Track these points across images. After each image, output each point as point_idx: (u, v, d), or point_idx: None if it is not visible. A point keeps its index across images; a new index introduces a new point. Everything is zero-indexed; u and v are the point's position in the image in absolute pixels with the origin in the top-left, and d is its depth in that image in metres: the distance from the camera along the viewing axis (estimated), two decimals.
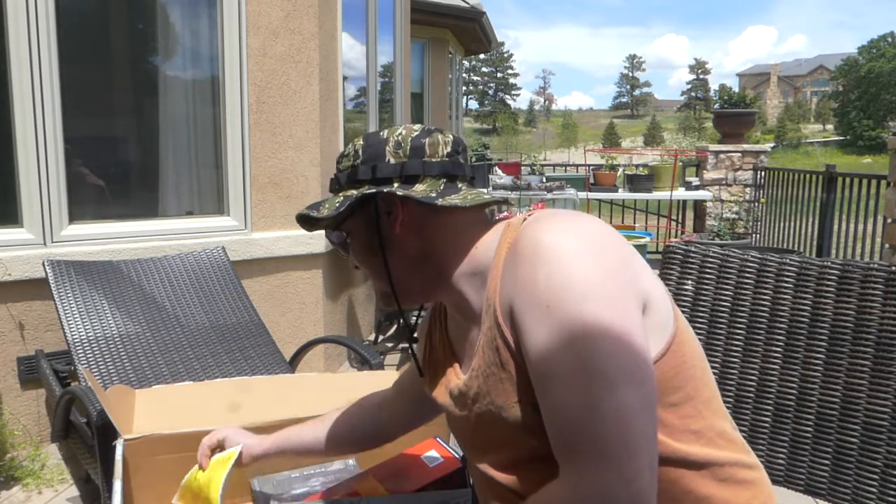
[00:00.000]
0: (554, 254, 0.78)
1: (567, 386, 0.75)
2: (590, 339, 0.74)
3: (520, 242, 0.84)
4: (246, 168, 3.16)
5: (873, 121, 50.67)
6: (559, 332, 0.75)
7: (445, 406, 1.01)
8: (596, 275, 0.77)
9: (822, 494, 1.19)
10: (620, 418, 0.73)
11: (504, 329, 0.84)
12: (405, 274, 0.96)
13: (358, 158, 0.95)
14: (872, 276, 1.16)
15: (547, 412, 0.78)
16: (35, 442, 2.69)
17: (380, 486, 1.30)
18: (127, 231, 2.95)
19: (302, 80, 3.22)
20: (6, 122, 2.63)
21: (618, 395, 0.73)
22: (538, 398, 0.80)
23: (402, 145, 0.94)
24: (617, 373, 0.74)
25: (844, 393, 1.17)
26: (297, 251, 3.26)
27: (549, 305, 0.76)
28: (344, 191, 0.95)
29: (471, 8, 8.81)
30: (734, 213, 7.00)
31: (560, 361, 0.75)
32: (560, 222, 0.82)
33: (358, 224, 0.97)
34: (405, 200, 0.92)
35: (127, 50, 3.39)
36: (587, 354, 0.74)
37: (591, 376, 0.74)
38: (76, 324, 2.20)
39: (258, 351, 2.41)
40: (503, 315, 0.84)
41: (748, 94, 22.11)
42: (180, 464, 1.38)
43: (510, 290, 0.83)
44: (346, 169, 0.96)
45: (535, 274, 0.78)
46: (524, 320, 0.80)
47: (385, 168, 0.93)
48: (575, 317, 0.75)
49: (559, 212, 0.87)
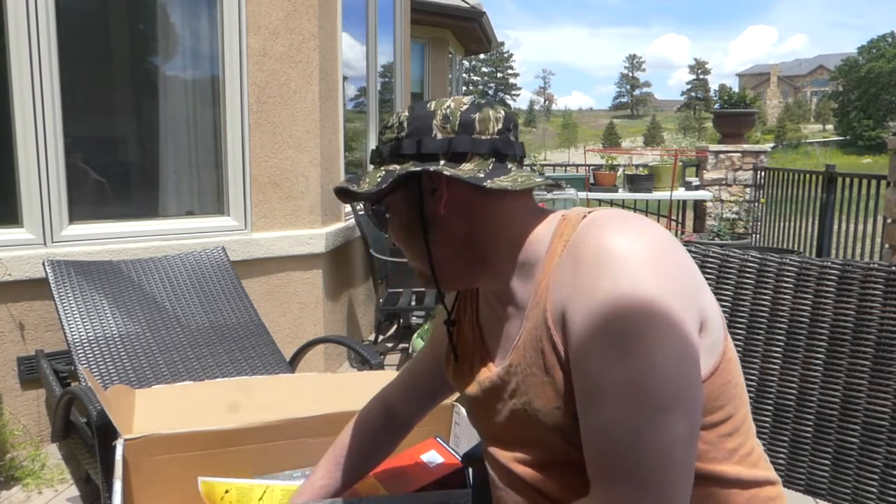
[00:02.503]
0: (619, 264, 0.74)
1: (616, 407, 0.72)
2: (648, 363, 0.71)
3: (581, 245, 0.79)
4: (246, 168, 3.16)
5: (873, 121, 50.67)
6: (616, 350, 0.72)
7: (471, 395, 0.98)
8: (662, 292, 0.73)
9: (822, 494, 1.19)
10: (665, 447, 0.70)
11: (554, 333, 0.80)
12: (447, 257, 0.91)
13: (402, 131, 0.89)
14: (872, 276, 1.16)
15: (589, 427, 0.75)
16: (35, 442, 2.69)
17: (380, 486, 1.30)
18: (127, 231, 2.95)
19: (302, 80, 3.22)
20: (6, 121, 2.63)
21: (667, 423, 0.71)
22: (580, 411, 0.77)
23: (451, 119, 0.88)
24: (670, 400, 0.71)
25: (844, 393, 1.17)
26: (297, 251, 3.26)
27: (608, 321, 0.72)
28: (386, 164, 0.90)
29: (471, 8, 8.80)
30: (734, 213, 7.00)
31: (612, 380, 0.72)
32: (626, 228, 0.78)
33: (400, 201, 0.91)
34: (451, 180, 0.87)
35: (127, 50, 3.39)
36: (643, 378, 0.71)
37: (644, 401, 0.71)
38: (76, 324, 2.20)
39: (258, 351, 2.41)
40: (554, 319, 0.80)
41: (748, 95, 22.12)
42: (180, 464, 1.38)
43: (565, 295, 0.78)
44: (390, 141, 0.90)
45: (597, 284, 0.74)
46: (578, 331, 0.75)
47: (431, 143, 0.87)
48: (634, 336, 0.71)
49: (623, 214, 0.82)
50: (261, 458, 1.46)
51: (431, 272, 0.92)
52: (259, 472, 1.48)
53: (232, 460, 1.44)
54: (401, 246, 0.96)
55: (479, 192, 0.86)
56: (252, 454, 1.46)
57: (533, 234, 0.88)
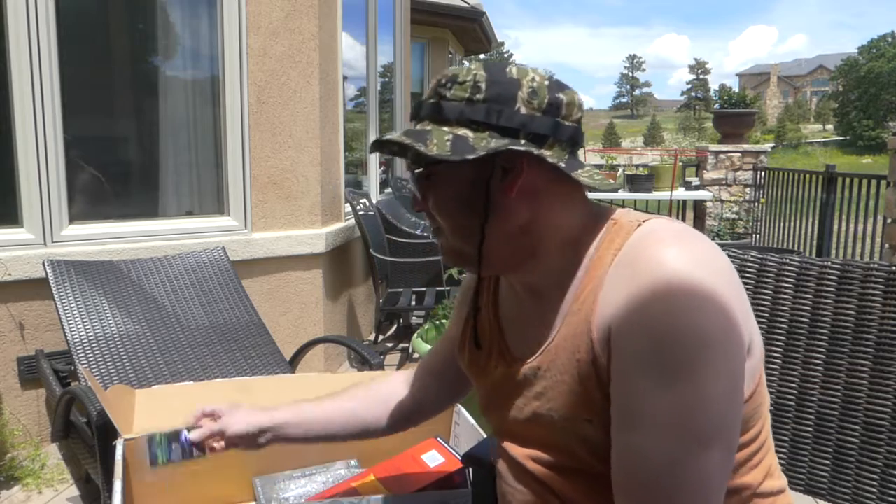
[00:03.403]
0: (677, 290, 0.70)
1: (657, 435, 0.69)
2: (697, 396, 0.69)
3: (637, 260, 0.74)
4: (246, 168, 3.16)
5: (873, 121, 50.67)
6: (666, 378, 0.69)
7: (487, 388, 0.95)
8: (718, 325, 0.70)
9: (822, 494, 1.19)
10: (701, 480, 0.70)
11: (596, 346, 0.76)
12: (497, 243, 0.83)
13: (479, 93, 0.79)
14: (872, 276, 1.16)
15: (624, 449, 0.73)
16: (35, 442, 2.69)
17: (380, 486, 1.30)
18: (127, 231, 2.95)
19: (302, 80, 3.22)
20: (6, 122, 2.63)
21: (706, 457, 0.69)
22: (616, 430, 0.74)
23: (538, 95, 0.79)
24: (713, 435, 0.70)
25: (844, 393, 1.17)
26: (298, 251, 3.26)
27: (661, 348, 0.69)
28: (451, 126, 0.79)
29: (471, 8, 8.80)
30: (734, 213, 7.00)
31: (657, 406, 0.69)
32: (687, 249, 0.73)
33: (461, 172, 0.81)
34: (531, 163, 0.79)
35: (127, 50, 3.39)
36: (690, 411, 0.69)
37: (687, 434, 0.69)
38: (76, 324, 2.20)
39: (258, 351, 2.41)
40: (599, 332, 0.76)
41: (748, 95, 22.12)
42: (180, 464, 1.38)
43: (615, 309, 0.74)
44: (459, 100, 0.80)
45: (651, 304, 0.70)
46: (627, 351, 0.72)
47: (513, 117, 0.78)
48: (687, 366, 0.68)
49: (681, 231, 0.77)
50: (261, 458, 1.46)
51: (477, 255, 0.84)
52: (259, 471, 1.48)
53: (232, 460, 1.44)
54: (442, 219, 0.85)
55: (553, 182, 0.81)
56: (252, 454, 1.46)
57: (583, 235, 0.83)
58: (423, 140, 0.78)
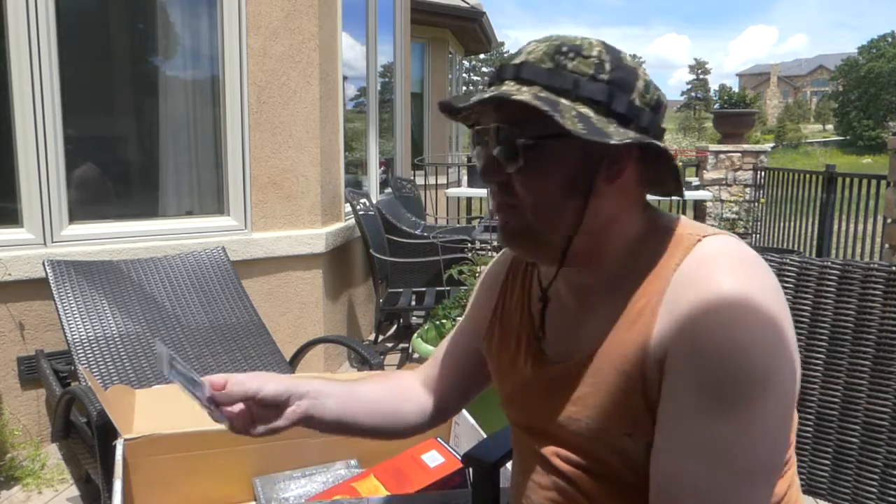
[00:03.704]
0: (743, 317, 0.69)
1: (704, 463, 0.68)
2: (751, 430, 0.68)
3: (700, 281, 0.72)
4: (246, 168, 3.16)
5: (873, 121, 50.65)
6: (722, 408, 0.67)
7: (513, 385, 0.91)
8: (780, 354, 0.69)
9: (822, 494, 1.19)
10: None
11: (648, 363, 0.74)
12: (579, 235, 0.80)
13: (603, 72, 0.75)
14: (872, 276, 1.16)
15: (670, 473, 0.71)
16: (35, 442, 2.69)
17: (380, 486, 1.30)
18: (127, 231, 2.95)
19: (302, 80, 3.22)
20: (6, 122, 2.63)
21: (753, 493, 0.69)
22: (658, 449, 0.72)
23: (650, 91, 0.78)
24: (760, 470, 0.69)
25: (844, 393, 1.17)
26: (298, 251, 3.26)
27: (724, 375, 0.68)
28: (570, 100, 0.74)
29: (471, 8, 8.80)
30: (734, 213, 7.00)
31: (709, 436, 0.68)
32: (751, 274, 0.72)
33: (572, 153, 0.76)
34: (634, 160, 0.77)
35: (127, 50, 3.39)
36: (741, 444, 0.68)
37: (735, 467, 0.68)
38: (76, 324, 2.20)
39: (258, 351, 2.41)
40: (655, 349, 0.73)
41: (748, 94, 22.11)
42: (180, 464, 1.38)
43: (675, 331, 0.72)
44: (582, 74, 0.75)
45: (717, 333, 0.68)
46: (684, 374, 0.70)
47: (630, 107, 0.76)
48: (748, 399, 0.67)
49: (742, 253, 0.75)
50: (261, 458, 1.46)
51: (565, 243, 0.79)
52: (259, 471, 1.48)
53: (232, 460, 1.44)
54: (533, 196, 0.78)
55: (638, 184, 0.80)
56: (252, 454, 1.46)
57: (642, 242, 0.80)
58: (557, 110, 0.72)
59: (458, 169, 8.94)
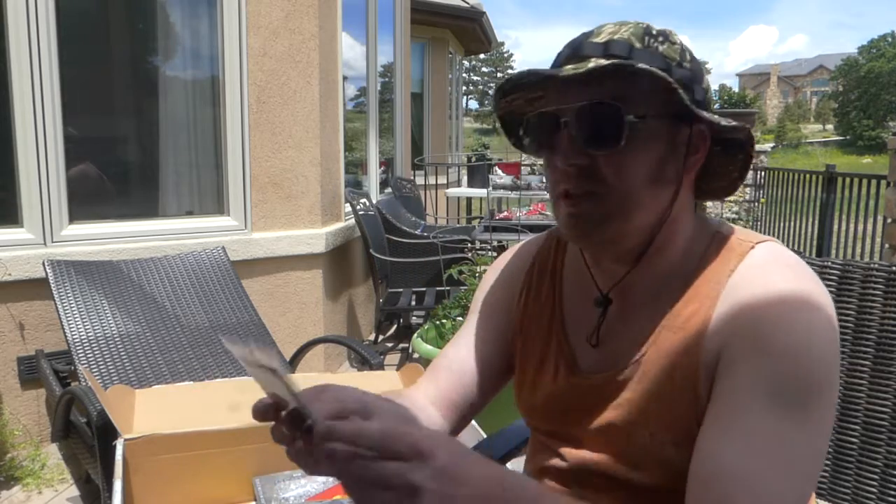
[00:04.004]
0: (807, 323, 0.69)
1: (769, 468, 0.67)
2: (811, 438, 0.67)
3: (760, 287, 0.71)
4: (246, 168, 3.16)
5: (873, 121, 50.65)
6: (792, 410, 0.66)
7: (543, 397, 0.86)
8: (836, 358, 0.70)
9: (822, 494, 1.19)
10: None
11: (701, 369, 0.72)
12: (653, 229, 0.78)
13: (685, 61, 0.75)
14: (872, 276, 1.16)
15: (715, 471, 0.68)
16: (35, 442, 2.69)
17: None
18: (127, 231, 2.95)
19: (302, 80, 3.22)
20: (6, 122, 2.63)
21: (804, 496, 0.67)
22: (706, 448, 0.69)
23: (709, 87, 0.79)
24: (811, 480, 0.69)
25: (844, 393, 1.16)
26: (298, 251, 3.26)
27: (789, 379, 0.67)
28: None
29: (471, 8, 8.81)
30: (734, 213, 7.00)
31: (771, 437, 0.67)
32: (809, 282, 0.72)
33: (662, 139, 0.74)
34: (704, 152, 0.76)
35: (127, 50, 3.39)
36: (801, 451, 0.66)
37: (793, 472, 0.66)
38: (76, 324, 2.20)
39: None
40: (708, 354, 0.72)
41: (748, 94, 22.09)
42: (180, 464, 1.38)
43: (733, 336, 0.71)
44: (671, 59, 0.74)
45: (781, 338, 0.68)
46: (746, 377, 0.68)
47: (704, 97, 0.76)
48: (813, 402, 0.67)
49: (797, 262, 0.74)
50: (261, 458, 1.46)
51: (649, 238, 0.77)
52: (259, 471, 1.48)
53: (232, 460, 1.44)
54: (621, 182, 0.74)
55: (696, 178, 0.80)
56: (252, 454, 1.46)
57: (692, 244, 0.79)
58: (672, 77, 0.70)
59: (458, 169, 8.94)
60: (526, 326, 0.91)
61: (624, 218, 0.75)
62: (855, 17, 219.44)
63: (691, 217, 0.81)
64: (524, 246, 0.98)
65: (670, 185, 0.76)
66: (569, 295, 0.89)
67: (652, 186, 0.74)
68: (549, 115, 0.76)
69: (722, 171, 0.81)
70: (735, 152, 0.78)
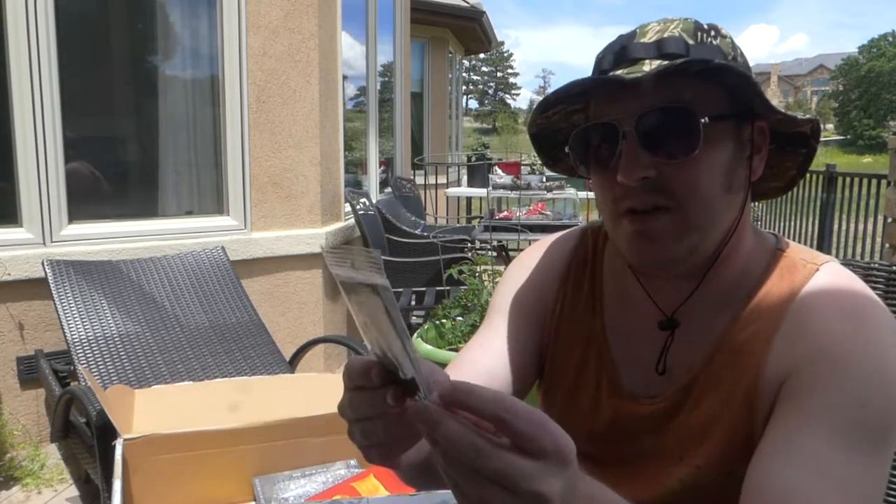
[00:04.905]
0: (882, 351, 0.65)
1: (828, 492, 0.63)
2: (876, 471, 0.64)
3: (831, 311, 0.67)
4: (246, 168, 3.16)
5: (874, 120, 50.63)
6: (868, 442, 0.63)
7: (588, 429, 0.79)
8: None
9: None
10: None
11: (760, 395, 0.68)
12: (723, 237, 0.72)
13: (738, 53, 0.71)
14: (873, 276, 1.16)
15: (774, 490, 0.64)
16: (35, 442, 2.69)
17: (380, 486, 1.30)
18: (126, 231, 2.94)
19: (302, 80, 3.21)
20: (6, 122, 2.63)
21: None
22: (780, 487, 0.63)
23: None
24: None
25: None
26: (297, 251, 3.26)
27: (867, 410, 0.63)
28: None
29: (471, 8, 8.80)
30: None
31: (837, 464, 0.63)
32: (880, 310, 0.69)
33: (726, 139, 0.68)
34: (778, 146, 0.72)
35: (127, 50, 3.39)
36: (866, 484, 0.63)
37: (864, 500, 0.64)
38: (76, 324, 2.19)
39: (258, 351, 2.41)
40: (770, 380, 0.67)
41: None
42: (180, 464, 1.38)
43: (802, 360, 0.66)
44: (726, 52, 0.70)
45: (860, 365, 0.64)
46: (818, 406, 0.64)
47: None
48: (889, 433, 0.64)
49: (863, 286, 0.71)
50: (261, 458, 1.46)
51: (720, 249, 0.71)
52: (259, 471, 1.48)
53: (232, 460, 1.44)
54: (695, 192, 0.67)
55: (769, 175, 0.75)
56: (252, 454, 1.46)
57: (751, 258, 0.74)
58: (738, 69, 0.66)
59: (458, 169, 8.94)
60: (561, 337, 0.83)
61: (700, 233, 0.69)
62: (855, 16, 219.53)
63: (749, 227, 0.75)
64: (556, 244, 0.88)
65: (741, 190, 0.70)
66: (610, 304, 0.81)
67: (726, 195, 0.69)
68: (603, 127, 0.69)
69: (779, 170, 0.76)
70: (795, 147, 0.74)
